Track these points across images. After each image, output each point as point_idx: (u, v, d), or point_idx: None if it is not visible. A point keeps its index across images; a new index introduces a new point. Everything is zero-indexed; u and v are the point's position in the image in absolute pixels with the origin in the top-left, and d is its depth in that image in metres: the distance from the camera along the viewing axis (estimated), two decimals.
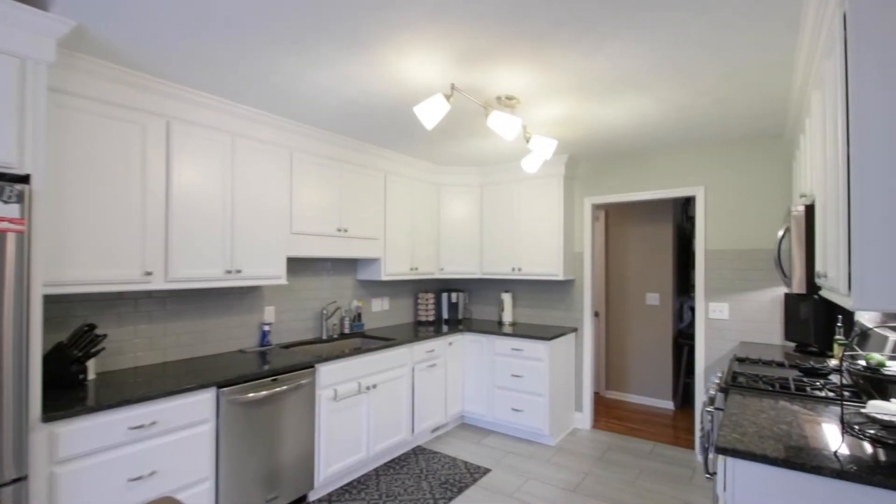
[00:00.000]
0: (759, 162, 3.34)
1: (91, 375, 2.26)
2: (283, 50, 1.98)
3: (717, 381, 2.39)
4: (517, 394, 3.78)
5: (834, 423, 1.58)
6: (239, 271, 2.66)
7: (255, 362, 2.64)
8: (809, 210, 1.89)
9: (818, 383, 2.02)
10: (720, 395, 2.05)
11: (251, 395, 2.40)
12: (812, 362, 2.52)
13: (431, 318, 4.49)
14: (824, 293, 1.68)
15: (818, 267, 1.67)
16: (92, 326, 2.16)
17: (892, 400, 1.59)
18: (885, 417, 1.38)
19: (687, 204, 5.51)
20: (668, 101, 2.57)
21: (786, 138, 3.16)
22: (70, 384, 2.11)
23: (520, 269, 4.12)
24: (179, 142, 2.42)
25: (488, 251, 4.34)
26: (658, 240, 4.81)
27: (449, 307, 4.59)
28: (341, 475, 2.96)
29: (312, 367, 2.74)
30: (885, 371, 1.39)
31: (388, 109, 2.71)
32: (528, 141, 2.69)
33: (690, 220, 5.75)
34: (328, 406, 2.81)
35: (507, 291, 4.54)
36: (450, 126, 3.03)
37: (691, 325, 5.72)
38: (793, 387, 1.94)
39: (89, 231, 2.10)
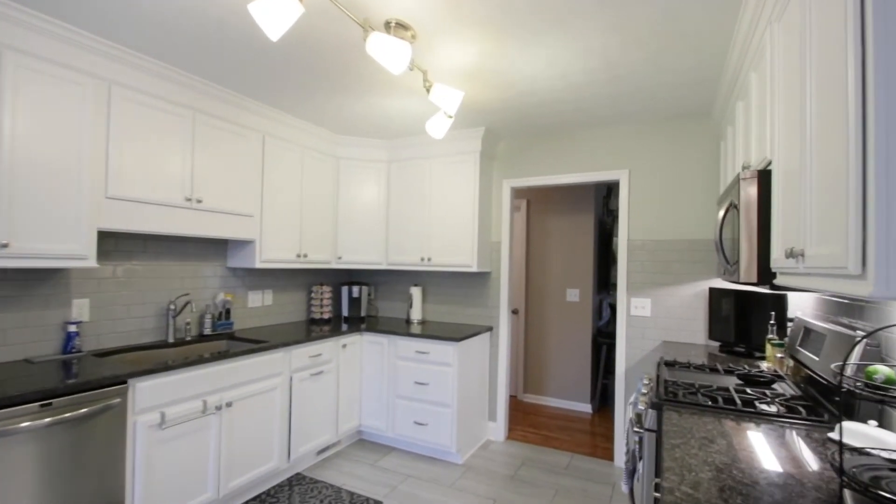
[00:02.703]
0: (686, 145, 3.06)
1: None
2: None
3: (645, 390, 1.98)
4: (421, 404, 3.21)
5: (811, 458, 1.16)
6: (5, 245, 1.82)
7: (39, 377, 1.82)
8: (763, 178, 1.50)
9: (764, 395, 1.65)
10: (651, 413, 1.62)
11: (18, 424, 1.60)
12: (745, 366, 2.20)
13: (328, 316, 3.80)
14: (788, 280, 1.27)
15: (786, 245, 1.25)
16: None
17: (870, 422, 1.21)
18: (885, 454, 0.97)
19: (608, 197, 5.29)
20: (595, 53, 2.13)
21: (714, 117, 2.89)
22: None
23: (429, 260, 3.56)
24: None
25: (395, 238, 3.74)
26: (580, 233, 4.50)
27: (350, 303, 3.92)
28: None
29: (124, 382, 1.96)
30: None
31: (234, 30, 2.00)
32: (428, 91, 2.12)
33: (611, 213, 5.57)
34: (150, 435, 2.05)
35: (416, 285, 3.97)
36: (330, 65, 2.37)
37: (609, 322, 5.54)
38: (738, 401, 1.55)
39: None
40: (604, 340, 4.59)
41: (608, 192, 5.24)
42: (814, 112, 1.07)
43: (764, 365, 2.28)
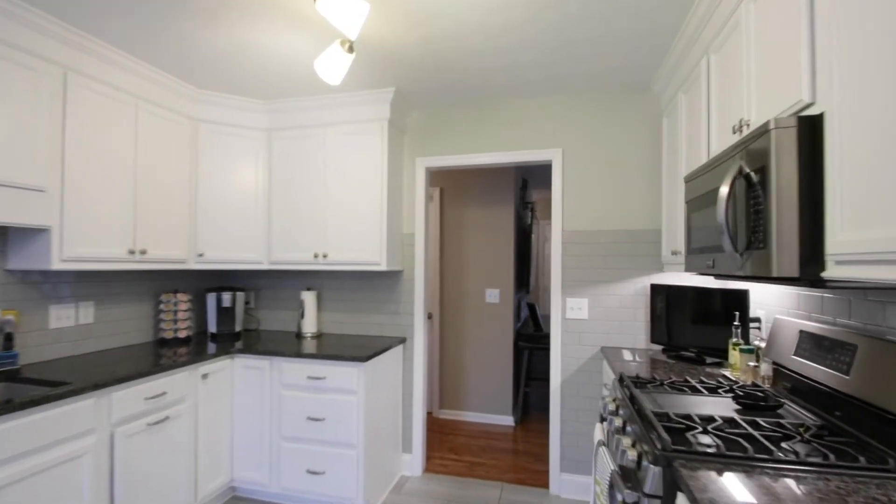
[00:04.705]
0: (628, 121, 2.71)
1: None
2: None
3: (619, 422, 1.49)
4: (316, 447, 2.46)
5: None
6: None
7: None
8: (806, 128, 1.07)
9: (784, 427, 1.23)
10: (654, 471, 1.11)
11: None
12: (721, 380, 1.84)
13: (185, 335, 2.84)
14: (878, 272, 0.82)
15: (860, 225, 0.79)
16: None
17: None
18: None
19: (524, 189, 4.95)
20: None
21: (655, 90, 2.57)
22: None
23: (326, 257, 2.81)
24: None
25: (281, 229, 2.91)
26: (499, 226, 4.04)
27: (219, 315, 3.00)
28: None
29: None
30: None
31: None
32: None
33: (528, 206, 5.26)
34: None
35: (310, 289, 3.17)
36: None
37: (526, 324, 5.22)
38: (775, 451, 1.09)
39: None
40: (525, 345, 4.20)
41: (524, 183, 4.89)
42: None
43: (730, 374, 1.95)
